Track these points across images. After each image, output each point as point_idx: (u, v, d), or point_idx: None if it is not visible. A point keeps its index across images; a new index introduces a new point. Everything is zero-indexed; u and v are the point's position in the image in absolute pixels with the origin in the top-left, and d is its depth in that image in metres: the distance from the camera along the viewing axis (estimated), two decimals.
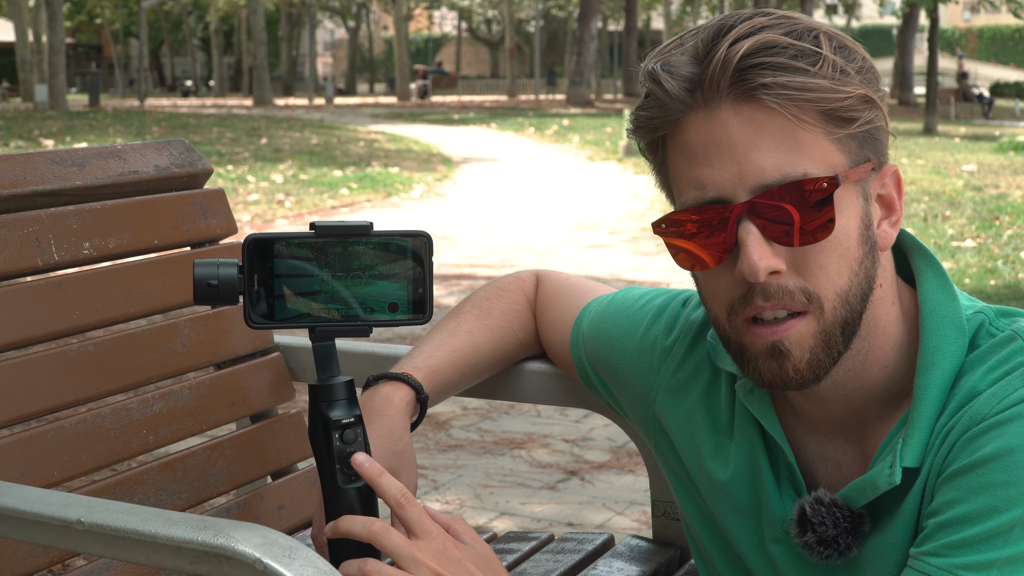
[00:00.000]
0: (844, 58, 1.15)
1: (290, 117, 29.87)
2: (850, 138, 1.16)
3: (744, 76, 1.13)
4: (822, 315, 1.17)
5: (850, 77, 1.14)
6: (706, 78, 1.15)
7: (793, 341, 1.18)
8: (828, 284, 1.17)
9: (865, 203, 1.18)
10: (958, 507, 1.12)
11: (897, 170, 1.21)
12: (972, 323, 1.22)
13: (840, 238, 1.16)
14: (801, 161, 1.14)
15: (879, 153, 1.19)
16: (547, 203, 12.87)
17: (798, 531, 1.25)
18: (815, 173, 1.14)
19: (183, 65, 68.97)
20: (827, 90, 1.13)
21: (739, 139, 1.14)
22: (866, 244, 1.18)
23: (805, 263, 1.16)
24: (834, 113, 1.14)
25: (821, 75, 1.13)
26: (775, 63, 1.13)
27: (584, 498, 3.94)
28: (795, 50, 1.13)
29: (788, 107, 1.13)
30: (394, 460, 1.43)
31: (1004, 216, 11.08)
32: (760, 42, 1.13)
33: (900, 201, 1.22)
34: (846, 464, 1.28)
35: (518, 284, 1.65)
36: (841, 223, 1.16)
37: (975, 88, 40.86)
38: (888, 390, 1.24)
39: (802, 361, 1.18)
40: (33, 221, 1.59)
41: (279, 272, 1.24)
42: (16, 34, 35.19)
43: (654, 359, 1.44)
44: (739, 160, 1.15)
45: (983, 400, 1.15)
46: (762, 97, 1.13)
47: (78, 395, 1.61)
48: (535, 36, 51.37)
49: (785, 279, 1.16)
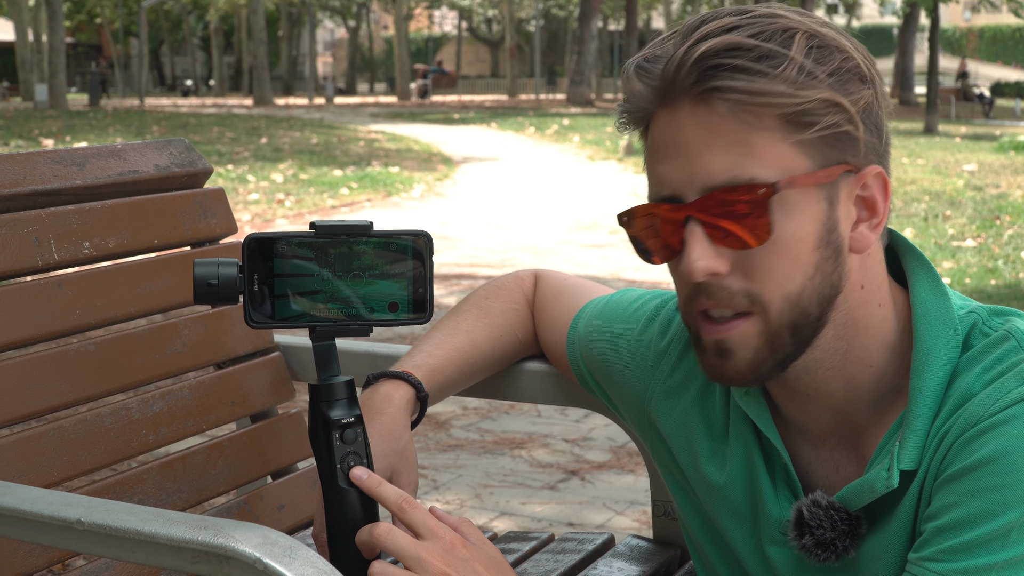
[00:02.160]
0: (816, 60, 1.13)
1: (290, 116, 29.88)
2: (815, 141, 1.14)
3: (702, 77, 1.13)
4: (767, 317, 1.17)
5: (816, 80, 1.13)
6: (668, 77, 1.16)
7: (736, 341, 1.19)
8: (774, 287, 1.16)
9: (829, 207, 1.16)
10: (955, 511, 1.12)
11: (882, 172, 1.19)
12: (965, 323, 1.21)
13: (789, 242, 1.15)
14: (750, 165, 1.13)
15: (857, 154, 1.17)
16: (547, 203, 12.88)
17: (796, 534, 1.25)
18: (763, 177, 1.13)
19: (183, 64, 68.98)
20: (784, 94, 1.12)
21: (693, 140, 1.15)
22: (826, 248, 1.17)
23: (750, 266, 1.16)
24: (793, 117, 1.13)
25: (781, 78, 1.12)
26: (734, 65, 1.12)
27: (584, 498, 3.94)
28: (759, 52, 1.12)
29: (740, 112, 1.13)
30: (395, 458, 1.43)
31: (1005, 216, 11.08)
32: (723, 43, 1.13)
33: (885, 204, 1.20)
34: (842, 464, 1.28)
35: (517, 283, 1.66)
36: (791, 227, 1.15)
37: (976, 88, 40.88)
38: (876, 390, 1.23)
39: (743, 361, 1.19)
40: (33, 221, 1.59)
41: (279, 272, 1.24)
42: (16, 33, 35.20)
43: (649, 362, 1.44)
44: (691, 160, 1.16)
45: (978, 402, 1.15)
46: (715, 101, 1.13)
47: (78, 395, 1.61)
48: (535, 36, 51.38)
49: (729, 280, 1.17)
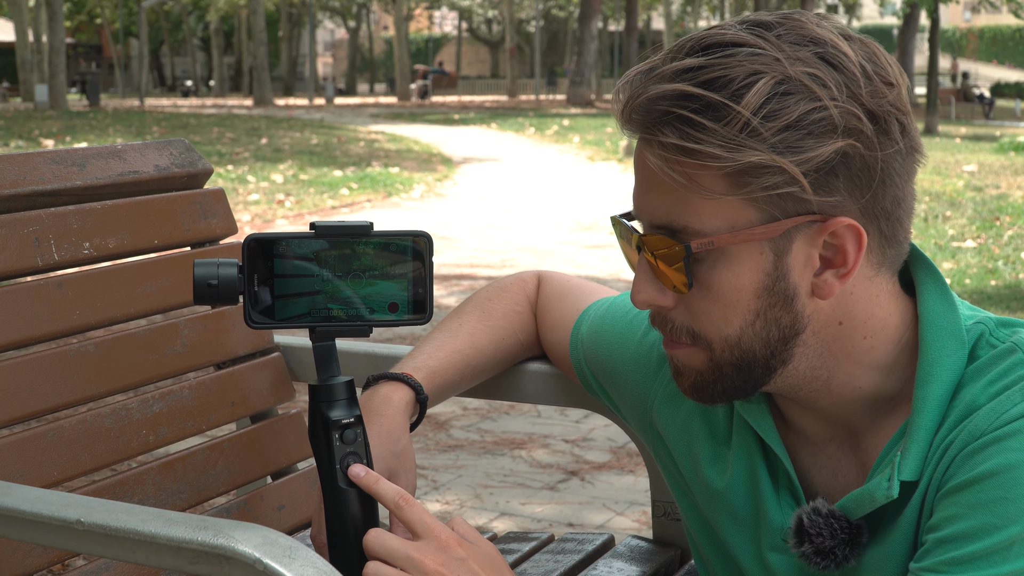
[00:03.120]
0: (767, 116, 1.10)
1: (290, 117, 29.88)
2: (760, 197, 1.12)
3: (647, 121, 1.13)
4: (711, 353, 1.19)
5: (757, 139, 1.09)
6: (626, 112, 1.16)
7: (682, 361, 1.22)
8: (713, 329, 1.18)
9: (776, 257, 1.15)
10: (958, 523, 1.12)
11: (854, 224, 1.14)
12: (972, 333, 1.20)
13: (724, 290, 1.16)
14: (686, 213, 1.14)
15: (823, 207, 1.13)
16: (547, 203, 12.87)
17: (795, 541, 1.25)
18: (696, 227, 1.13)
19: (183, 65, 68.98)
20: (715, 156, 1.10)
21: (646, 174, 1.17)
22: (770, 296, 1.16)
23: (690, 305, 1.18)
24: (730, 176, 1.12)
25: (719, 135, 1.09)
26: (677, 115, 1.11)
27: (584, 498, 3.94)
28: (705, 102, 1.10)
29: (675, 165, 1.12)
30: (393, 460, 1.43)
31: (1005, 216, 11.08)
32: (671, 91, 1.11)
33: (858, 255, 1.16)
34: (842, 471, 1.27)
35: (520, 285, 1.65)
36: (726, 277, 1.15)
37: (976, 88, 40.89)
38: (872, 403, 1.23)
39: (688, 382, 1.22)
40: (33, 221, 1.59)
41: (279, 272, 1.24)
42: (16, 34, 35.21)
43: (651, 365, 1.44)
44: (643, 193, 1.18)
45: (982, 415, 1.14)
46: (656, 148, 1.13)
47: (78, 395, 1.61)
48: (535, 36, 51.37)
49: (674, 314, 1.20)
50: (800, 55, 1.12)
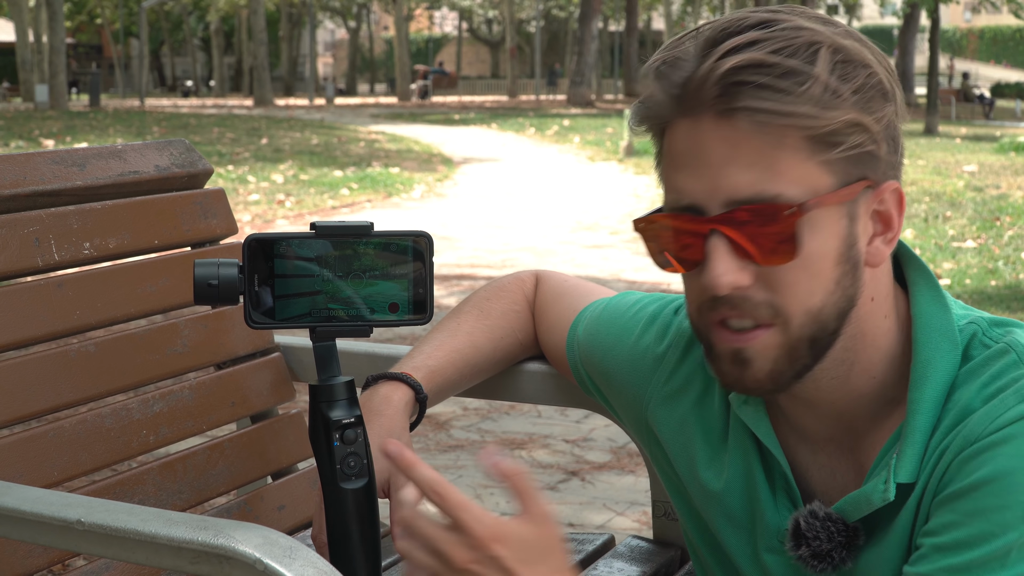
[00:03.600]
0: (841, 77, 1.12)
1: (290, 117, 29.88)
2: (839, 160, 1.13)
3: (727, 92, 1.11)
4: (788, 329, 1.16)
5: (841, 100, 1.11)
6: (691, 89, 1.13)
7: (756, 351, 1.17)
8: (797, 302, 1.15)
9: (850, 223, 1.16)
10: (955, 531, 1.12)
11: (899, 187, 1.18)
12: (965, 333, 1.21)
13: (813, 259, 1.14)
14: (776, 181, 1.12)
15: (877, 170, 1.16)
16: (548, 203, 12.87)
17: (792, 545, 1.25)
18: (788, 194, 1.12)
19: (183, 65, 68.99)
20: (809, 116, 1.10)
21: (717, 153, 1.13)
22: (846, 263, 1.16)
23: (774, 280, 1.15)
24: (818, 138, 1.12)
25: (806, 98, 1.10)
26: (759, 83, 1.10)
27: (584, 498, 3.94)
28: (783, 69, 1.10)
29: (766, 129, 1.11)
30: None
31: (1005, 217, 11.08)
32: (747, 60, 1.11)
33: (899, 218, 1.19)
34: (840, 472, 1.27)
35: (518, 285, 1.65)
36: (814, 245, 1.14)
37: (976, 88, 40.89)
38: (878, 399, 1.23)
39: (762, 371, 1.18)
40: (33, 221, 1.59)
41: (279, 272, 1.24)
42: (16, 34, 35.22)
43: (646, 367, 1.43)
44: (715, 173, 1.14)
45: (977, 419, 1.14)
46: (740, 118, 1.12)
47: (78, 395, 1.61)
48: (536, 36, 51.38)
49: (752, 292, 1.15)
50: (837, 30, 1.15)
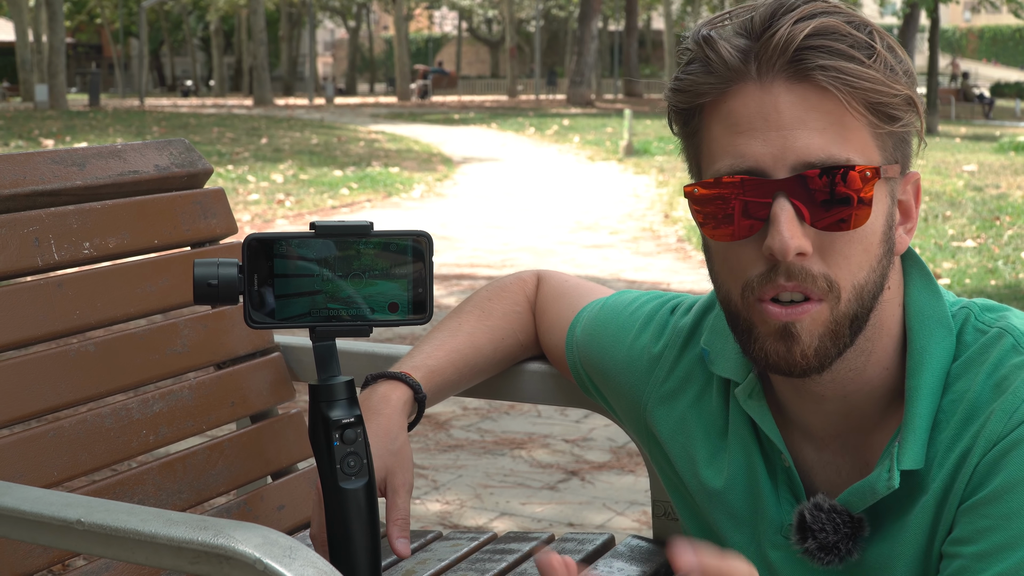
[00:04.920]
0: (893, 57, 1.16)
1: (290, 117, 29.88)
2: (889, 137, 1.16)
3: (803, 56, 1.13)
4: (837, 305, 1.16)
5: (899, 76, 1.15)
6: (766, 51, 1.14)
7: (805, 326, 1.16)
8: (848, 275, 1.16)
9: (891, 204, 1.19)
10: (993, 536, 1.13)
11: (919, 179, 1.22)
12: (957, 319, 1.22)
13: (867, 232, 1.16)
14: (846, 147, 1.14)
15: (906, 158, 1.20)
16: (547, 203, 12.87)
17: (798, 538, 1.25)
18: (857, 161, 1.14)
19: (183, 65, 68.98)
20: (880, 83, 1.13)
21: (788, 115, 1.14)
22: (886, 244, 1.19)
23: (831, 250, 1.15)
24: (881, 108, 1.14)
25: (875, 68, 1.13)
26: (834, 48, 1.13)
27: (584, 498, 3.94)
28: (853, 40, 1.14)
29: (842, 91, 1.13)
30: (390, 458, 1.43)
31: (1005, 216, 11.08)
32: (822, 25, 1.14)
33: (917, 209, 1.23)
34: (845, 469, 1.28)
35: (519, 285, 1.65)
36: (872, 217, 1.16)
37: (976, 88, 40.90)
38: (886, 393, 1.24)
39: (810, 348, 1.17)
40: (33, 221, 1.59)
41: (279, 272, 1.24)
42: (16, 34, 35.21)
43: (643, 367, 1.43)
44: (785, 135, 1.14)
45: (995, 418, 1.15)
46: (819, 78, 1.13)
47: (78, 395, 1.61)
48: (535, 36, 51.38)
49: (810, 263, 1.15)
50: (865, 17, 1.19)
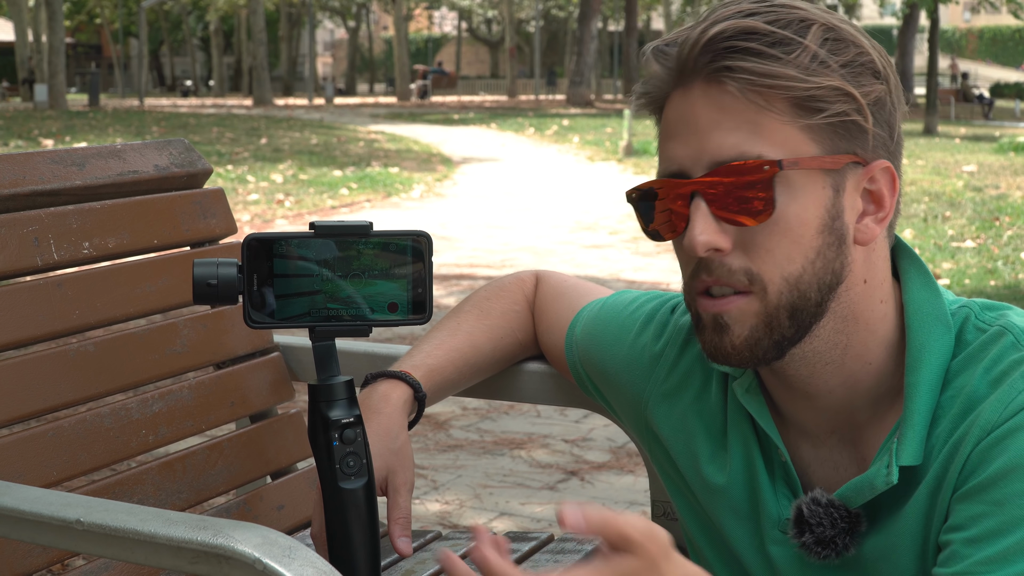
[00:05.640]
0: (830, 51, 1.16)
1: (290, 117, 29.89)
2: (823, 128, 1.16)
3: (715, 57, 1.16)
4: (766, 297, 1.18)
5: (828, 69, 1.15)
6: (683, 59, 1.18)
7: (733, 317, 1.20)
8: (774, 267, 1.18)
9: (835, 194, 1.18)
10: (984, 521, 1.12)
11: (891, 167, 1.21)
12: (957, 317, 1.22)
13: (792, 224, 1.17)
14: (758, 143, 1.15)
15: (865, 146, 1.19)
16: (547, 203, 12.87)
17: (795, 532, 1.25)
18: (770, 155, 1.15)
19: (183, 65, 69.00)
20: (794, 78, 1.14)
21: (704, 118, 1.17)
22: (829, 234, 1.18)
23: (752, 244, 1.18)
24: (802, 102, 1.15)
25: (794, 64, 1.14)
26: (748, 48, 1.15)
27: (583, 498, 3.94)
28: (774, 38, 1.15)
29: (750, 92, 1.15)
30: (391, 458, 1.43)
31: (1004, 217, 11.08)
32: (738, 26, 1.16)
33: (892, 199, 1.21)
34: (843, 465, 1.28)
35: (518, 284, 1.65)
36: (794, 208, 1.16)
37: (975, 89, 40.91)
38: (876, 388, 1.24)
39: (739, 337, 1.20)
40: (33, 221, 1.59)
41: (279, 272, 1.24)
42: (16, 34, 35.23)
43: (644, 366, 1.44)
44: (701, 137, 1.18)
45: (989, 408, 1.15)
46: (727, 80, 1.16)
47: (77, 395, 1.61)
48: (535, 36, 51.38)
49: (729, 258, 1.18)
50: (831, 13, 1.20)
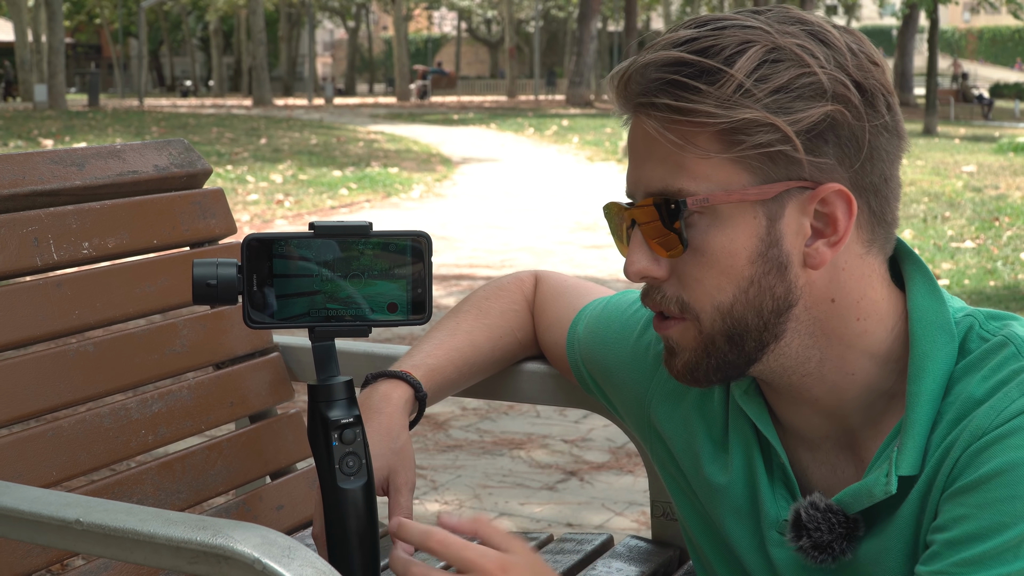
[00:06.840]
0: (759, 78, 1.13)
1: (289, 117, 29.88)
2: (753, 157, 1.14)
3: (642, 91, 1.16)
4: (699, 324, 1.20)
5: (749, 98, 1.13)
6: (619, 88, 1.19)
7: (676, 340, 1.23)
8: (705, 297, 1.19)
9: (769, 222, 1.16)
10: (966, 524, 1.12)
11: (844, 190, 1.16)
12: (961, 327, 1.21)
13: (719, 255, 1.17)
14: (680, 177, 1.16)
15: (802, 172, 1.15)
16: (547, 203, 12.88)
17: (793, 535, 1.25)
18: (691, 189, 1.16)
19: (182, 65, 69.00)
20: (709, 115, 1.13)
21: (641, 147, 1.19)
22: (764, 263, 1.17)
23: (683, 274, 1.19)
24: (722, 135, 1.14)
25: (713, 96, 1.13)
26: (672, 80, 1.14)
27: (583, 499, 3.94)
28: (699, 67, 1.14)
29: (670, 128, 1.15)
30: (392, 457, 1.43)
31: (1004, 217, 11.09)
32: (664, 58, 1.15)
33: (848, 221, 1.17)
34: (840, 467, 1.28)
35: (517, 284, 1.66)
36: (720, 240, 1.16)
37: (975, 89, 40.91)
38: (865, 396, 1.23)
39: (681, 360, 1.23)
40: (32, 221, 1.59)
41: (278, 272, 1.24)
42: (16, 34, 35.19)
43: (648, 364, 1.44)
44: (637, 166, 1.20)
45: (982, 413, 1.14)
46: (650, 115, 1.16)
47: (77, 395, 1.61)
48: (535, 36, 51.38)
49: (666, 285, 1.21)
50: (789, 30, 1.17)
